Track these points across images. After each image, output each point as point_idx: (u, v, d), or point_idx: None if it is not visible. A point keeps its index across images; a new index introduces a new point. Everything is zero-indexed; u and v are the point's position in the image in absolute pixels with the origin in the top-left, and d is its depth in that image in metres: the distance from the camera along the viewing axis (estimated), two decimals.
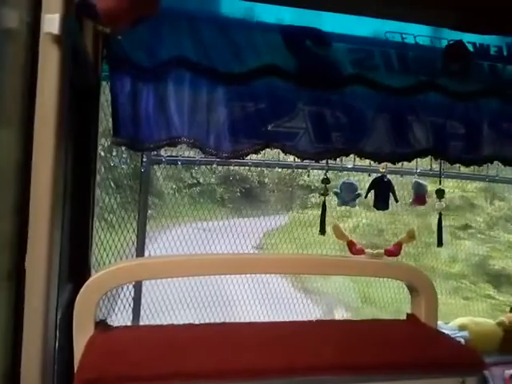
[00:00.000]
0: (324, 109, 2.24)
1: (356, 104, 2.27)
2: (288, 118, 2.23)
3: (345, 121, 2.27)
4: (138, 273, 1.64)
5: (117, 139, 2.07)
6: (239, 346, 1.42)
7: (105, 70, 2.03)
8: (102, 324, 1.48)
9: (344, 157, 2.50)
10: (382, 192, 2.54)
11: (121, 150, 3.78)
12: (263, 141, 2.21)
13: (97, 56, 1.87)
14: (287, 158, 2.94)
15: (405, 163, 2.58)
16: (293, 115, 2.23)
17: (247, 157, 2.27)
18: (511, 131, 2.48)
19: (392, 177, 2.59)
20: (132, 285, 3.29)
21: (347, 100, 2.26)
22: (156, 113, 2.09)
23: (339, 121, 2.26)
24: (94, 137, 1.89)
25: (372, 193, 2.54)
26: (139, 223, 3.22)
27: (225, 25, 2.11)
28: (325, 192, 2.44)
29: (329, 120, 2.25)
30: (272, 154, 2.87)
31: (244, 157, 2.25)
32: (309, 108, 2.23)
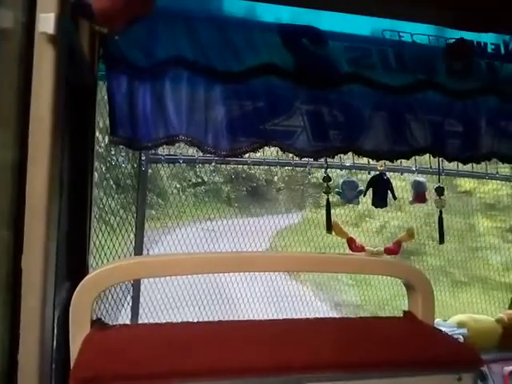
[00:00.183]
0: (321, 107, 2.25)
1: (353, 102, 2.27)
2: (286, 117, 2.23)
3: (342, 119, 2.27)
4: (135, 271, 1.64)
5: (114, 138, 2.08)
6: (237, 344, 1.42)
7: (102, 70, 2.03)
8: (99, 322, 1.48)
9: (343, 155, 2.51)
10: (381, 190, 2.54)
11: (119, 149, 3.77)
12: (261, 139, 2.21)
13: (93, 55, 1.87)
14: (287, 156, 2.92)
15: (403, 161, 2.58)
16: (290, 114, 2.23)
17: (246, 155, 2.28)
18: (509, 129, 2.48)
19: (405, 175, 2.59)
20: (130, 283, 3.30)
21: (344, 98, 2.26)
22: (153, 111, 2.10)
23: (337, 119, 2.26)
24: (91, 136, 1.90)
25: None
26: (137, 222, 3.23)
27: (222, 23, 2.11)
28: (327, 190, 2.46)
29: (326, 118, 2.25)
30: (272, 152, 2.87)
31: (242, 155, 2.26)
32: (306, 106, 2.24)
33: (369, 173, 2.66)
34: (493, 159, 2.57)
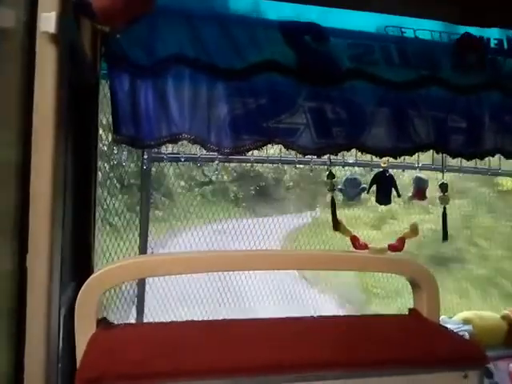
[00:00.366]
0: (324, 104, 2.24)
1: (356, 99, 2.26)
2: (288, 114, 2.22)
3: (345, 116, 2.26)
4: (140, 270, 1.64)
5: (117, 137, 2.07)
6: (240, 343, 1.42)
7: (103, 69, 2.03)
8: (104, 322, 1.48)
9: (346, 152, 2.50)
10: (384, 187, 2.54)
11: (122, 147, 3.75)
12: (264, 137, 2.21)
13: (95, 54, 1.87)
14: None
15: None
16: (293, 111, 2.22)
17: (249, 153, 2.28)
18: None
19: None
20: (135, 282, 3.29)
21: (347, 95, 2.25)
22: (156, 110, 2.09)
23: (339, 116, 2.25)
24: (94, 134, 1.90)
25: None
26: (141, 222, 3.22)
27: (223, 20, 2.10)
28: (331, 187, 2.46)
29: (329, 115, 2.25)
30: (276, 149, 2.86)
31: (246, 153, 2.25)
32: (309, 104, 2.23)
33: (371, 170, 2.66)
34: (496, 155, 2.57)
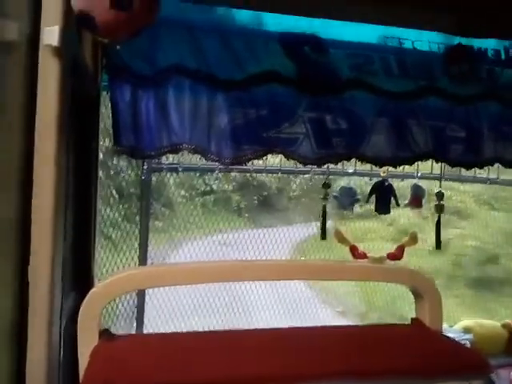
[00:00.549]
0: (324, 114, 2.25)
1: (356, 109, 2.28)
2: (288, 124, 2.24)
3: (345, 126, 2.27)
4: (143, 281, 1.63)
5: (118, 148, 2.08)
6: (244, 354, 1.41)
7: (104, 80, 2.04)
8: (107, 333, 1.47)
9: (346, 161, 2.52)
10: (383, 196, 2.55)
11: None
12: (264, 147, 2.22)
13: (96, 66, 1.88)
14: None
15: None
16: (293, 121, 2.24)
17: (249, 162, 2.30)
18: (511, 133, 2.48)
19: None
20: (135, 293, 3.29)
21: (347, 105, 2.27)
22: (157, 120, 2.10)
23: (339, 126, 2.27)
24: (95, 146, 1.90)
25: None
26: (141, 232, 3.23)
27: (224, 32, 2.12)
28: (325, 196, 2.48)
29: (329, 125, 2.26)
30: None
31: (246, 163, 2.27)
32: (309, 114, 2.24)
33: (370, 179, 2.67)
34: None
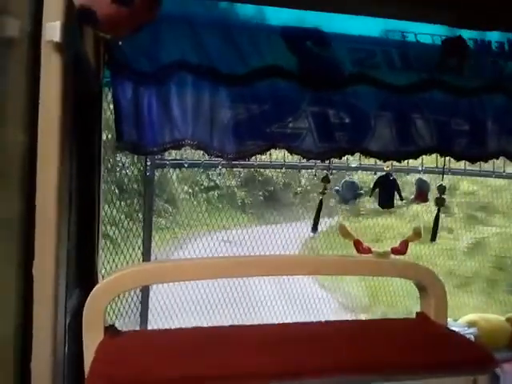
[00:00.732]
0: (327, 109, 2.24)
1: (359, 103, 2.27)
2: (292, 119, 2.23)
3: (348, 120, 2.26)
4: (147, 277, 1.63)
5: (120, 144, 2.08)
6: (248, 349, 1.41)
7: (106, 76, 2.03)
8: (112, 329, 1.48)
9: (350, 156, 2.52)
10: (387, 190, 2.54)
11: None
12: (268, 141, 2.22)
13: (98, 62, 1.87)
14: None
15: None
16: (296, 116, 2.23)
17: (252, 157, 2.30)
18: None
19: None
20: (139, 289, 3.29)
21: (350, 99, 2.25)
22: (159, 116, 2.10)
23: (342, 120, 2.26)
24: (98, 142, 1.90)
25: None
26: (144, 229, 3.23)
27: (226, 26, 2.11)
28: (323, 191, 2.49)
29: (332, 120, 2.25)
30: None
31: (249, 158, 2.27)
32: (312, 108, 2.23)
33: (375, 173, 2.66)
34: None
